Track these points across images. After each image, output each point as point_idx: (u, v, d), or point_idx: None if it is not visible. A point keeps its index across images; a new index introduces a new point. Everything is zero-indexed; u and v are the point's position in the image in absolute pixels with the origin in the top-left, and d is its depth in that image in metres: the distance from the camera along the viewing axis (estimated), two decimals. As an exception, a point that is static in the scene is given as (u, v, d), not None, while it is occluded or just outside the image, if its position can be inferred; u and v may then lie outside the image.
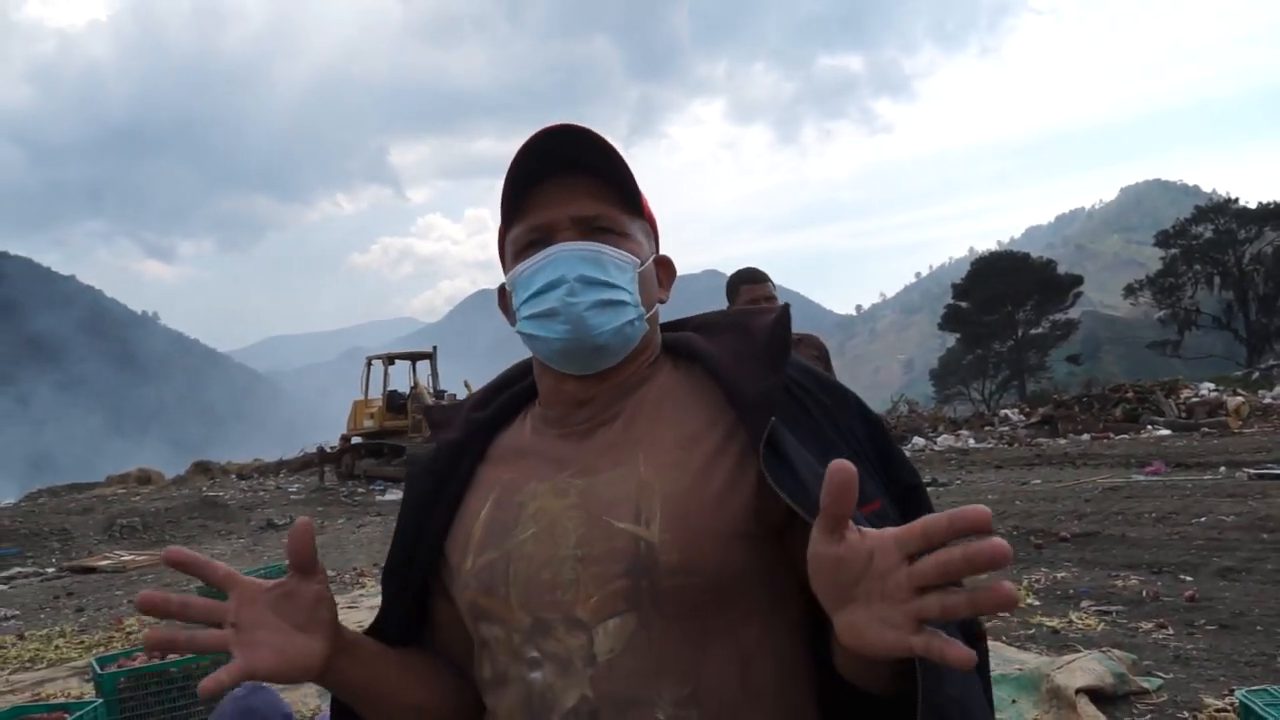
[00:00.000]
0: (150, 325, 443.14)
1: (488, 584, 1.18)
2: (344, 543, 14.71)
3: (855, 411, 1.24)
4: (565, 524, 1.15)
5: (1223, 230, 52.07)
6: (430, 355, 28.16)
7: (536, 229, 1.22)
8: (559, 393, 1.28)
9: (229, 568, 1.09)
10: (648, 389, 1.26)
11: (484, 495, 1.26)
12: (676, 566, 1.08)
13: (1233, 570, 7.29)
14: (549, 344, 1.22)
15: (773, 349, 1.18)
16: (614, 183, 1.23)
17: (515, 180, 1.22)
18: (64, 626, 9.62)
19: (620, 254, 1.22)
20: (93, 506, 20.71)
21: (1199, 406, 22.31)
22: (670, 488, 1.12)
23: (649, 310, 1.27)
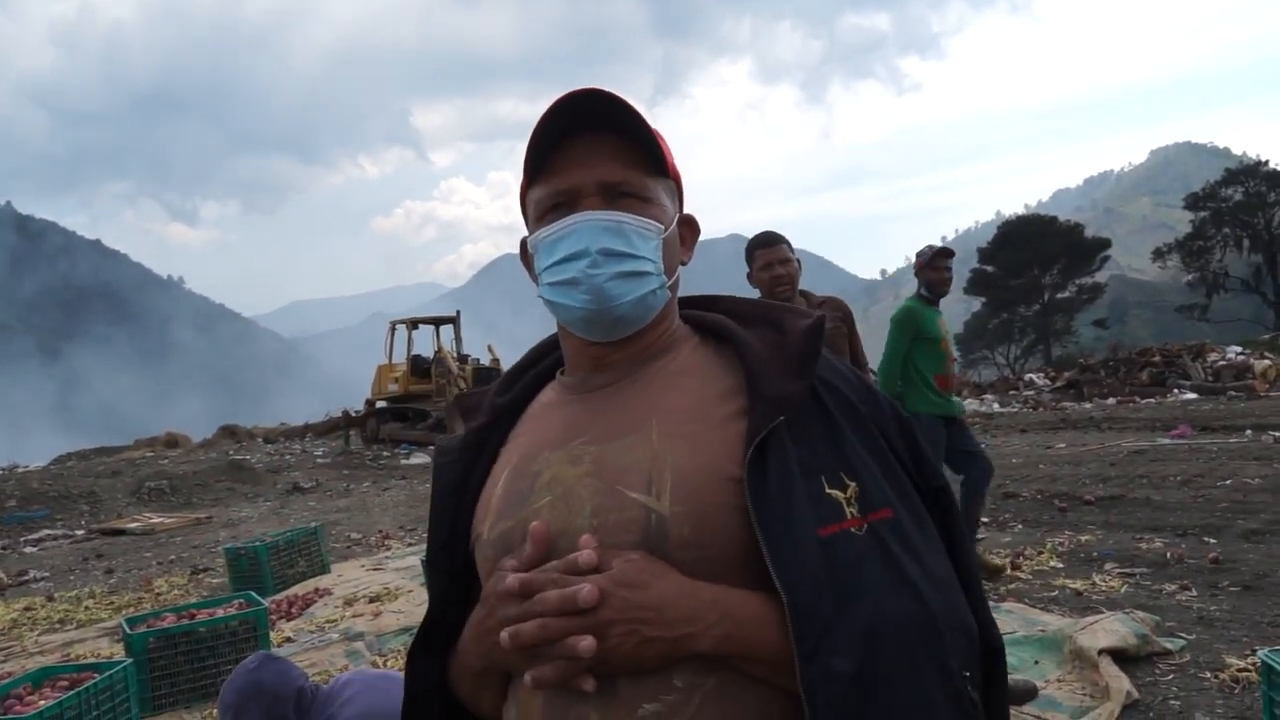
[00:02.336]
0: (176, 289, 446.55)
1: (505, 551, 1.18)
2: (369, 506, 14.84)
3: (888, 413, 1.23)
4: (580, 493, 1.15)
5: (1253, 193, 51.24)
6: (454, 320, 28.23)
7: (560, 193, 1.22)
8: (581, 356, 1.30)
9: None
10: (670, 359, 1.27)
11: (502, 468, 1.28)
12: (687, 540, 1.09)
13: (1257, 532, 7.24)
14: (571, 311, 1.23)
15: (805, 355, 1.18)
16: (639, 144, 1.23)
17: (540, 140, 1.22)
18: (93, 588, 9.78)
19: (643, 222, 1.22)
20: (121, 469, 20.97)
21: (1225, 370, 22.11)
22: (681, 460, 1.13)
23: (671, 277, 1.27)
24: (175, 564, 10.96)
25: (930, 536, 1.15)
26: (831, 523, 1.07)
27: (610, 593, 1.03)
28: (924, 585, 1.07)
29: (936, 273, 6.26)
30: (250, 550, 8.57)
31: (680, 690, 1.06)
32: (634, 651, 1.03)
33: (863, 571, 1.05)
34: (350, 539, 11.48)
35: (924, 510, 1.17)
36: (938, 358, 6.19)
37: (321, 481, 19.03)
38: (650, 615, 1.03)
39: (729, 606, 1.06)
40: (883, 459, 1.15)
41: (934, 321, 6.22)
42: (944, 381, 6.20)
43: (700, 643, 1.04)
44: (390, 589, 7.82)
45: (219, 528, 13.90)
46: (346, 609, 7.33)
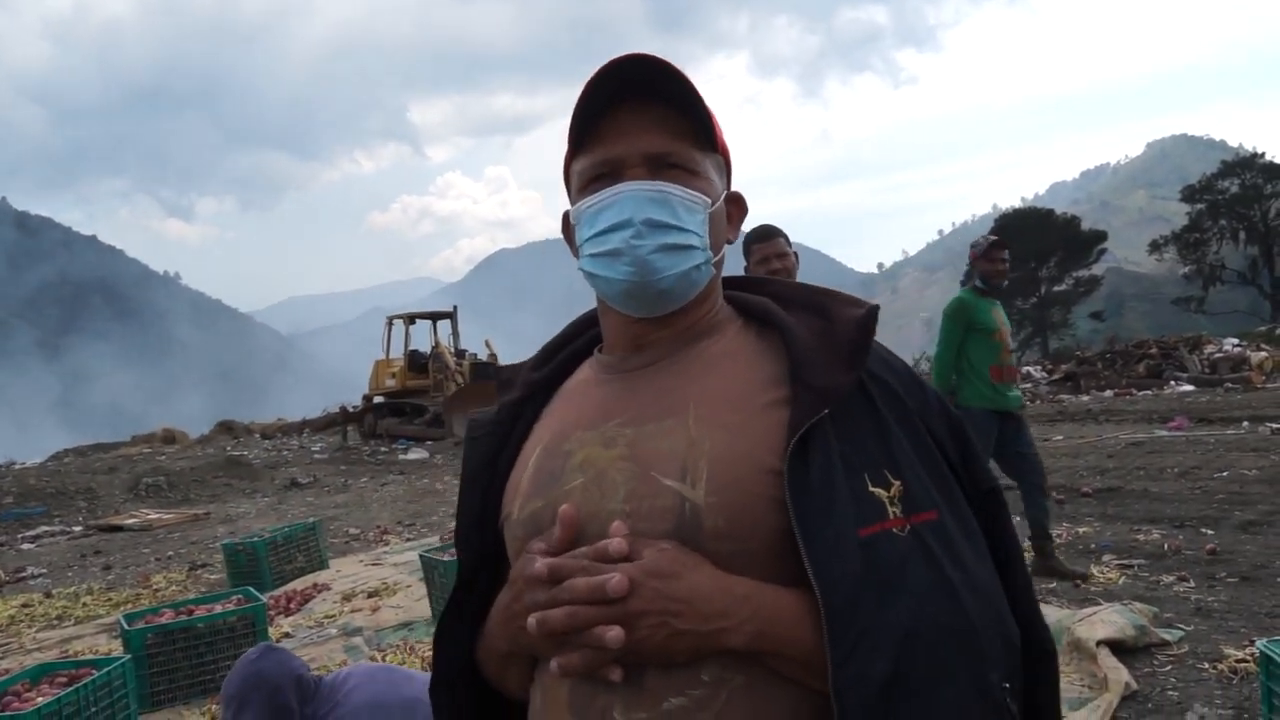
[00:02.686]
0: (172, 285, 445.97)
1: (534, 532, 1.16)
2: (367, 501, 14.84)
3: (936, 409, 1.18)
4: (614, 476, 1.12)
5: (1249, 185, 51.27)
6: (451, 315, 28.19)
7: (605, 163, 1.18)
8: (621, 334, 1.26)
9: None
10: (712, 342, 1.23)
11: (534, 446, 1.25)
12: (721, 532, 1.05)
13: (1254, 524, 7.26)
14: (612, 284, 1.18)
15: (855, 346, 1.13)
16: (688, 115, 1.18)
17: (585, 108, 1.17)
18: (91, 584, 9.76)
19: (690, 194, 1.17)
20: (118, 466, 20.92)
21: (1222, 362, 22.14)
22: (719, 448, 1.09)
23: (717, 253, 1.23)
24: (173, 560, 10.94)
25: (976, 541, 1.10)
26: (873, 522, 1.03)
27: (641, 583, 1.01)
28: (965, 592, 1.03)
29: (992, 264, 6.21)
30: (248, 546, 8.56)
31: (708, 685, 1.03)
32: (663, 644, 1.01)
33: (903, 574, 1.01)
34: (348, 534, 11.47)
35: (970, 513, 1.12)
36: (992, 349, 6.12)
37: (319, 477, 19.02)
38: (682, 608, 1.01)
39: (763, 602, 1.03)
40: (929, 457, 1.12)
41: (988, 313, 6.18)
42: (999, 374, 6.11)
43: (732, 638, 1.01)
44: (389, 584, 7.82)
45: (217, 524, 13.88)
46: (345, 604, 7.32)
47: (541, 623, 1.04)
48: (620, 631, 1.00)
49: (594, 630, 1.01)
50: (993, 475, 1.20)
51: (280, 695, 2.89)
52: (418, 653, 5.77)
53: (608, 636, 1.00)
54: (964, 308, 6.20)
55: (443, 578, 6.31)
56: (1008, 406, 6.13)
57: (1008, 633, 1.07)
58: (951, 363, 6.19)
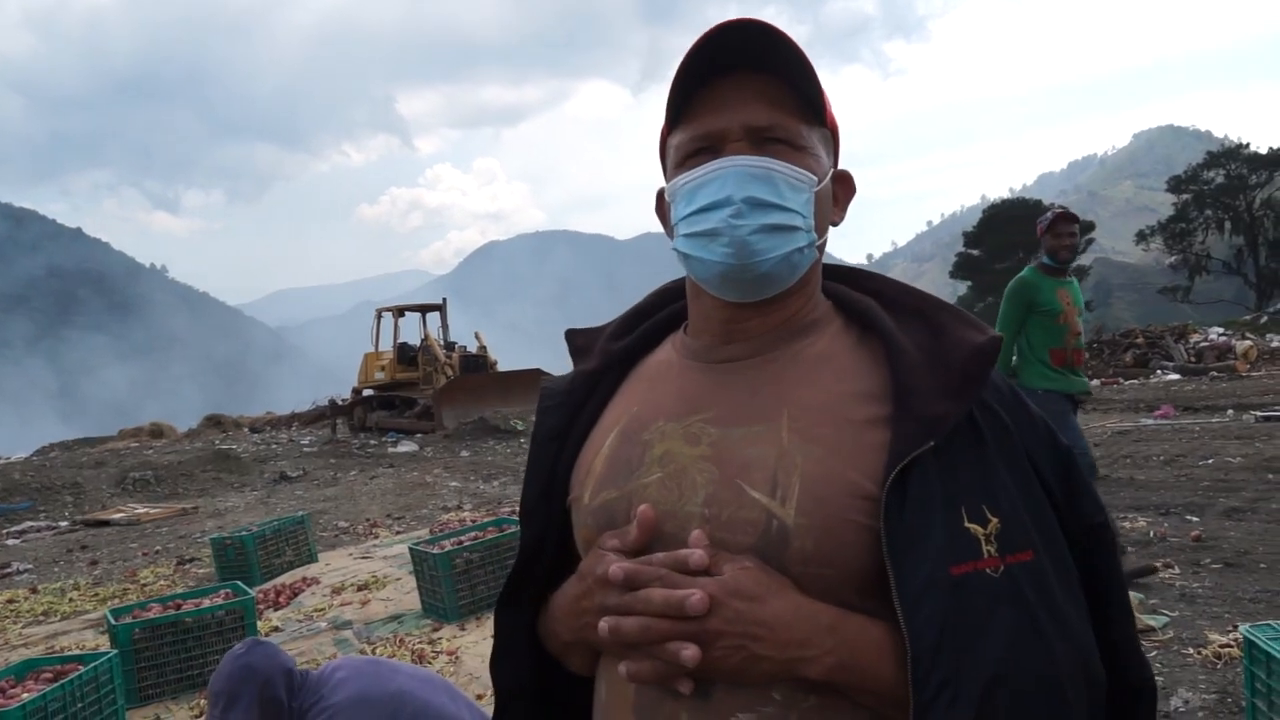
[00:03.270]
0: (159, 278, 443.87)
1: (606, 525, 1.12)
2: (357, 494, 14.81)
3: (1044, 438, 1.11)
4: (695, 476, 1.07)
5: (1234, 175, 51.39)
6: (440, 307, 28.12)
7: (704, 136, 1.11)
8: (712, 320, 1.18)
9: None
10: (810, 342, 1.15)
11: (610, 426, 1.20)
12: (809, 555, 1.00)
13: (1238, 510, 7.31)
14: (708, 267, 1.10)
15: (967, 375, 1.05)
16: (795, 85, 1.10)
17: (685, 79, 1.10)
18: (78, 579, 9.72)
19: (795, 171, 1.09)
20: (105, 460, 20.85)
21: (1208, 351, 22.26)
22: (813, 465, 1.03)
23: (821, 235, 1.14)
24: (161, 555, 10.91)
25: (1071, 583, 1.04)
26: (967, 560, 0.97)
27: (722, 602, 0.97)
28: (1054, 639, 0.98)
29: (1058, 239, 5.80)
30: (237, 540, 8.54)
31: (778, 704, 0.99)
32: (739, 667, 0.97)
33: (993, 618, 0.95)
34: (338, 528, 11.45)
35: (1067, 553, 1.05)
36: (1055, 332, 5.74)
37: (308, 470, 18.97)
38: (762, 632, 0.96)
39: (847, 634, 0.98)
40: (1029, 491, 1.05)
41: (1051, 293, 5.77)
42: (1061, 357, 5.74)
43: (811, 668, 0.97)
44: (378, 577, 7.81)
45: (205, 518, 13.84)
46: (335, 598, 7.31)
47: (614, 630, 1.01)
48: (696, 651, 0.96)
49: (668, 645, 0.98)
50: (1101, 509, 1.12)
51: (270, 689, 2.88)
52: (408, 645, 5.78)
53: (683, 655, 0.96)
54: (1024, 288, 5.83)
55: (433, 571, 6.31)
56: (1070, 389, 5.76)
57: (1093, 678, 1.02)
58: (1009, 345, 5.85)
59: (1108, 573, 1.10)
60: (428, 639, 5.91)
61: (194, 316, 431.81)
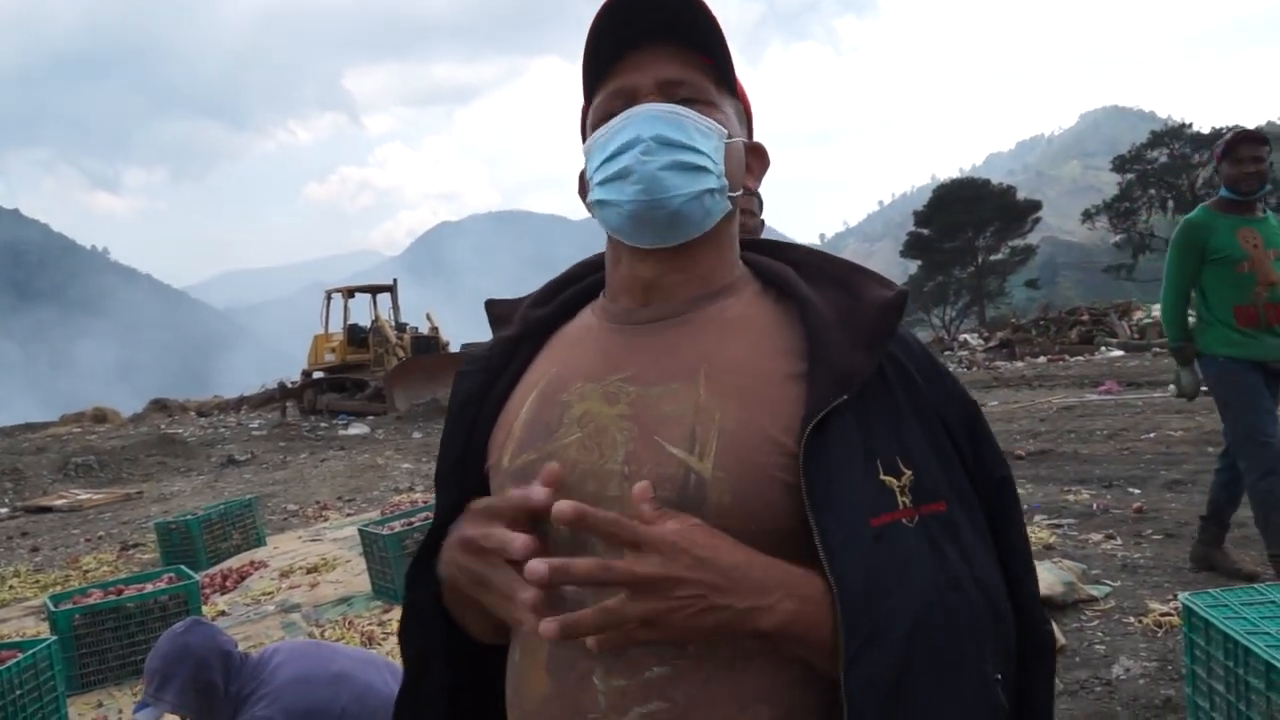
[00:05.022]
0: (100, 260, 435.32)
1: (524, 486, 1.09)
2: (307, 477, 14.65)
3: (952, 392, 1.13)
4: (614, 434, 1.07)
5: (1177, 155, 52.36)
6: (391, 288, 27.87)
7: (618, 93, 1.12)
8: (630, 282, 1.17)
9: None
10: (728, 304, 1.15)
11: (528, 390, 1.19)
12: (727, 509, 1.00)
13: (1179, 483, 7.45)
14: (620, 208, 1.09)
15: (876, 328, 1.07)
16: (709, 56, 1.12)
17: (595, 51, 1.12)
18: (18, 566, 9.53)
19: (703, 119, 1.10)
20: (46, 446, 20.42)
21: (1151, 328, 22.67)
22: (729, 420, 1.03)
23: (734, 188, 1.14)
24: (104, 541, 10.72)
25: (981, 534, 1.07)
26: (884, 511, 0.98)
27: (683, 549, 0.94)
28: (969, 586, 1.00)
29: (1239, 166, 4.65)
30: (181, 524, 8.41)
31: (691, 656, 1.00)
32: (691, 620, 0.94)
33: (911, 568, 0.97)
34: (287, 511, 11.33)
35: (978, 505, 1.08)
36: (1238, 283, 4.60)
37: (257, 454, 18.73)
38: (721, 581, 0.94)
39: (794, 584, 0.97)
40: (939, 445, 1.07)
41: (1230, 234, 4.63)
42: (1249, 315, 4.58)
43: (766, 619, 0.96)
44: (328, 559, 7.74)
45: (150, 503, 13.62)
46: (283, 581, 7.23)
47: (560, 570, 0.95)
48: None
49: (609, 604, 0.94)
50: (1004, 463, 1.15)
51: (205, 671, 2.83)
52: (357, 627, 5.72)
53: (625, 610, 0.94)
54: (1191, 232, 4.76)
55: (382, 552, 6.25)
56: (1265, 356, 4.61)
57: (1005, 629, 1.05)
58: (1179, 303, 4.82)
59: (1011, 526, 1.13)
60: (378, 621, 5.86)
61: (138, 299, 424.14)
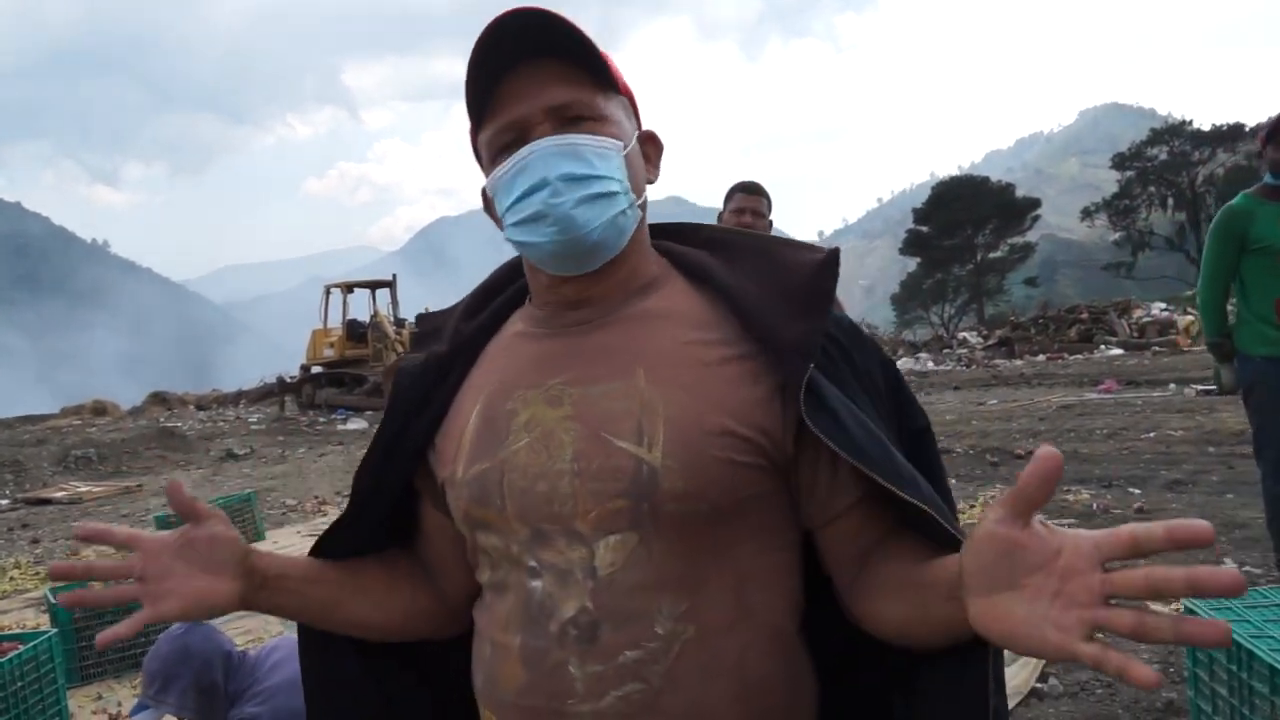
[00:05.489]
0: (100, 254, 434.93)
1: (481, 495, 1.15)
2: (305, 472, 14.66)
3: (874, 355, 1.19)
4: (561, 435, 1.11)
5: (1177, 152, 52.38)
6: (390, 283, 27.87)
7: (508, 127, 1.13)
8: (553, 291, 1.20)
9: (130, 530, 1.16)
10: (653, 299, 1.19)
11: (471, 401, 1.22)
12: (680, 493, 1.05)
13: (1180, 482, 7.45)
14: (540, 248, 1.14)
15: (816, 293, 1.12)
16: (583, 63, 1.14)
17: (478, 78, 1.13)
18: (19, 558, 9.53)
19: (601, 141, 1.13)
20: (46, 438, 20.43)
21: (1150, 326, 22.70)
22: (674, 409, 1.08)
23: (639, 195, 1.18)
24: (104, 533, 10.71)
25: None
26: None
27: None
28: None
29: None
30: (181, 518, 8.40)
31: (662, 638, 1.06)
32: None
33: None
34: (286, 505, 11.32)
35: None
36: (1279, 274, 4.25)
37: (256, 448, 18.74)
38: None
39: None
40: (877, 403, 1.15)
41: (1272, 223, 4.26)
42: None
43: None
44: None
45: (149, 496, 13.62)
46: (281, 575, 7.24)
47: None
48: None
49: None
50: (924, 414, 1.24)
51: (208, 672, 2.83)
52: (356, 622, 5.73)
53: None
54: (1231, 220, 4.37)
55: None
56: None
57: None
58: (1218, 296, 4.50)
59: (935, 465, 1.21)
60: (377, 616, 5.87)
61: (137, 293, 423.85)
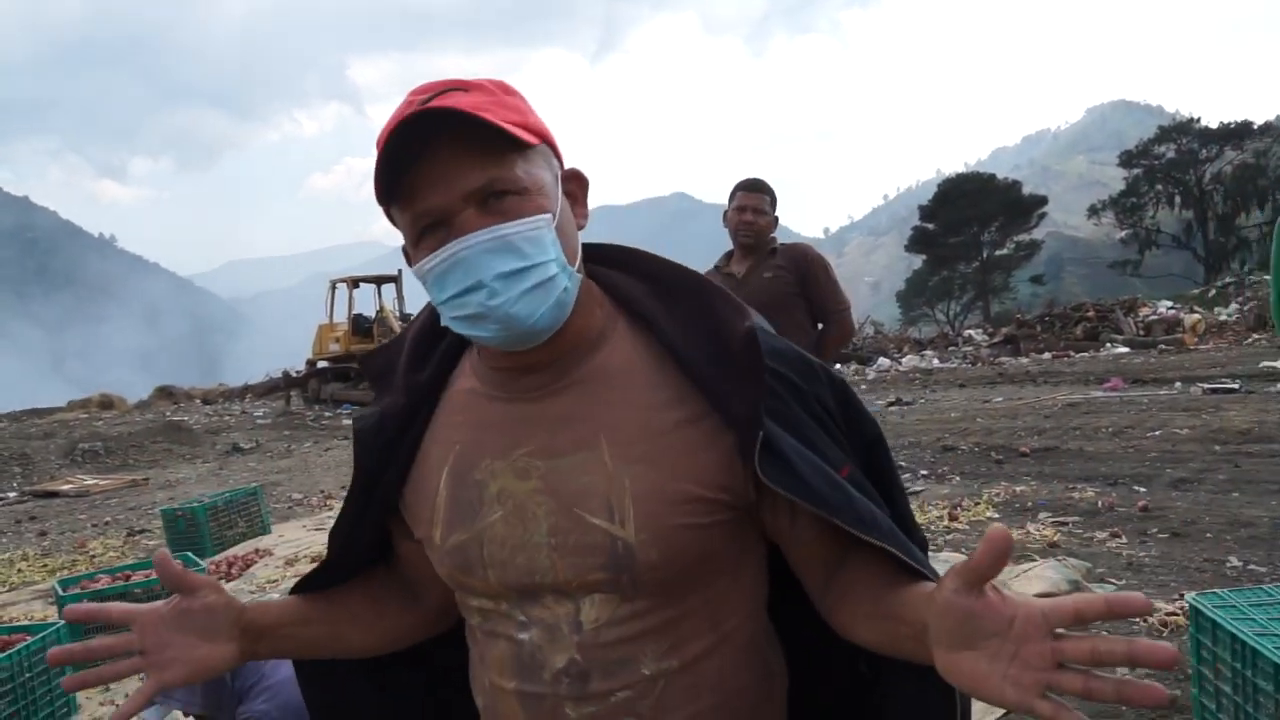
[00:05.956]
0: (107, 248, 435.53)
1: (464, 565, 1.20)
2: (311, 466, 14.69)
3: (823, 379, 1.23)
4: (534, 509, 1.15)
5: (1185, 150, 52.21)
6: (396, 278, 27.90)
7: (426, 213, 1.09)
8: (505, 359, 1.20)
9: (124, 606, 1.22)
10: (604, 355, 1.19)
11: (439, 458, 1.24)
12: (655, 563, 1.12)
13: (1185, 481, 7.44)
14: (485, 340, 1.14)
15: (750, 365, 1.11)
16: (494, 133, 1.07)
17: (385, 171, 1.08)
18: (26, 550, 9.57)
19: (530, 224, 1.08)
20: (54, 431, 20.47)
21: (1157, 324, 22.64)
22: (640, 485, 1.12)
23: (575, 260, 1.16)
24: (111, 526, 10.76)
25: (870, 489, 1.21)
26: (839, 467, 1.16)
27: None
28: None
29: None
30: (188, 511, 8.44)
31: (648, 677, 1.14)
32: None
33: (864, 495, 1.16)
34: (291, 500, 11.36)
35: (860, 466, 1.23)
36: None
37: (262, 442, 18.78)
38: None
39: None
40: (826, 425, 1.20)
41: None
42: None
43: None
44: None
45: (156, 489, 13.67)
46: (288, 569, 7.25)
47: None
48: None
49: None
50: (875, 424, 1.29)
51: None
52: (362, 616, 5.74)
53: None
54: None
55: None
56: None
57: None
58: None
59: (888, 471, 1.27)
60: (383, 610, 5.88)
61: (144, 287, 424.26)
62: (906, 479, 8.81)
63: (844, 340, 4.66)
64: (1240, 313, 24.17)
